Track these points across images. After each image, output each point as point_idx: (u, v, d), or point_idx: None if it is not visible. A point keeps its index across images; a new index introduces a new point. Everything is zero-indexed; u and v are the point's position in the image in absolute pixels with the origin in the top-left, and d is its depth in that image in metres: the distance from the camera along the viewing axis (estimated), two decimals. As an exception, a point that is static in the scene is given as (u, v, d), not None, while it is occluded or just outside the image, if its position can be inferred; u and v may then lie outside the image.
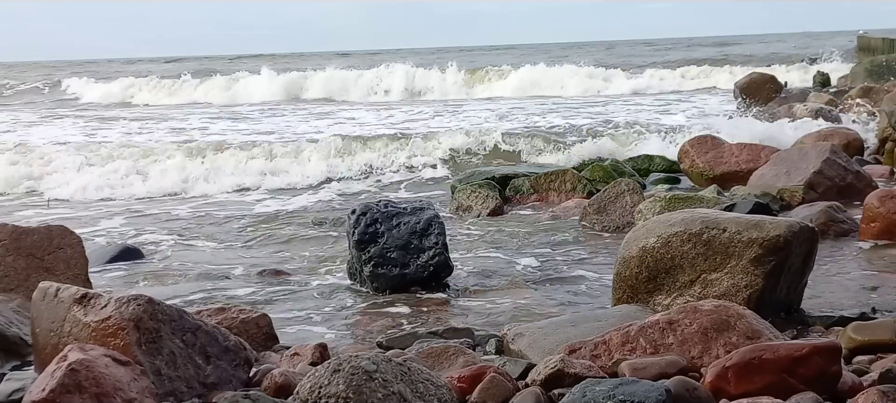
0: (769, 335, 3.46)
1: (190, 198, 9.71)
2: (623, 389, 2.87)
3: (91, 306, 3.35)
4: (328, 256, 6.38)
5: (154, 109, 23.59)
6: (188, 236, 7.33)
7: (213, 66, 39.39)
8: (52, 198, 9.91)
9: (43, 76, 36.58)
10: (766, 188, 7.53)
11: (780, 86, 16.15)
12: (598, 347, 3.52)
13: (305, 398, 2.93)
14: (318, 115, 18.86)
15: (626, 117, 15.09)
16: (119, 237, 7.32)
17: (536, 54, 38.34)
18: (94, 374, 2.90)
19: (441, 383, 3.11)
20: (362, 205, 5.97)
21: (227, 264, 6.23)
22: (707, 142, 9.42)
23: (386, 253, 5.56)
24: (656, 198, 6.80)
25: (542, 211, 7.97)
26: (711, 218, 4.27)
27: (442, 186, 9.68)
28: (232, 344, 3.51)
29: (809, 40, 41.94)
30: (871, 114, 11.68)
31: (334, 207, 8.55)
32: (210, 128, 16.26)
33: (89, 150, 12.15)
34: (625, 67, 28.78)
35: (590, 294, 5.16)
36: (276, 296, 5.38)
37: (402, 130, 14.18)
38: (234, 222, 7.84)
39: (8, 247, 5.62)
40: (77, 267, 5.75)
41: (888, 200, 6.07)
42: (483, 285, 5.46)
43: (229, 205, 8.92)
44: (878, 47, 21.81)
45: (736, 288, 4.07)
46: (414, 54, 41.75)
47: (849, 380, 3.09)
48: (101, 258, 6.31)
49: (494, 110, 18.64)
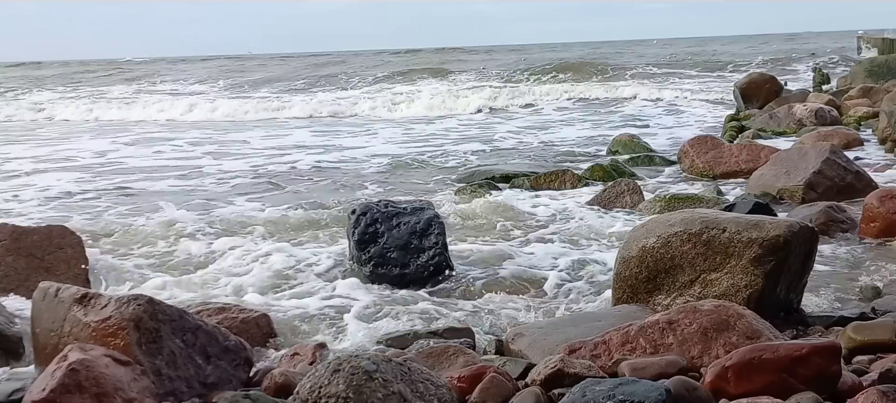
0: (769, 335, 3.46)
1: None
2: (623, 389, 2.87)
3: (91, 306, 3.35)
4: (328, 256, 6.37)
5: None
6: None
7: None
8: None
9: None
10: (766, 188, 7.54)
11: (779, 87, 16.15)
12: (597, 347, 3.52)
13: (305, 398, 2.93)
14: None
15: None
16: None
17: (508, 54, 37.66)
18: (94, 374, 2.90)
19: (441, 383, 3.11)
20: (362, 205, 5.97)
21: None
22: (707, 142, 9.43)
23: (386, 253, 5.57)
24: (656, 198, 6.81)
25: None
26: (711, 218, 4.27)
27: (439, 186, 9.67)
28: (232, 344, 3.52)
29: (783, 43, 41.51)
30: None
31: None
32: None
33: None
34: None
35: (590, 294, 5.16)
36: (276, 295, 5.38)
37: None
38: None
39: (8, 247, 5.63)
40: (77, 267, 5.76)
41: (888, 200, 6.08)
42: (484, 284, 5.45)
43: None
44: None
45: (736, 288, 4.07)
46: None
47: (848, 380, 3.08)
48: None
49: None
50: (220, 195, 9.51)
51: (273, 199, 9.00)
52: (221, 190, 9.90)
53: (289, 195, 9.33)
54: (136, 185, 10.31)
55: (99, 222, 7.81)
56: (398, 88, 29.98)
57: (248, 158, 12.73)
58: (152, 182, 10.59)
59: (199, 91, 32.90)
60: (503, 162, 11.38)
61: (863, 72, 17.16)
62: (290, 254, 6.32)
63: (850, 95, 14.23)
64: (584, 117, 18.65)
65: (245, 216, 7.89)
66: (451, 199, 8.44)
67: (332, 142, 14.98)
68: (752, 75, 17.52)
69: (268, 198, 9.10)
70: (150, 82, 38.31)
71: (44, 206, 9.02)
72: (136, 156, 13.44)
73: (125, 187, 10.17)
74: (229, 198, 9.25)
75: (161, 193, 9.70)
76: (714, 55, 37.73)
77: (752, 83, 16.27)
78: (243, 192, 9.61)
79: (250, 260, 6.21)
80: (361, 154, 12.86)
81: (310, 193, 9.38)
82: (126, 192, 9.79)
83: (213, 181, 10.61)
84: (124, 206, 8.75)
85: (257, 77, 37.90)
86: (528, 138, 14.46)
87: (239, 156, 13.05)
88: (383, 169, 11.17)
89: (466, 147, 13.41)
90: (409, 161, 11.73)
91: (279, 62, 50.03)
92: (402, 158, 12.01)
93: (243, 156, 13.13)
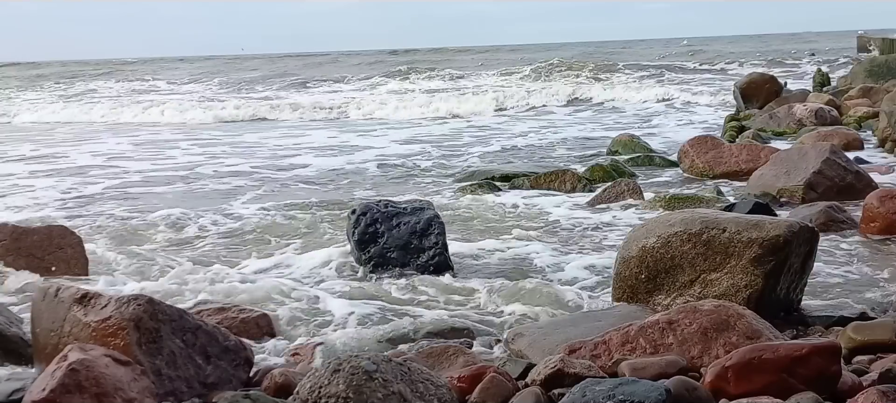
0: (769, 335, 3.46)
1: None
2: (623, 389, 2.87)
3: (91, 306, 3.35)
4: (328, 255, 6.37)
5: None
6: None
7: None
8: None
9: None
10: (766, 188, 7.53)
11: (779, 87, 16.13)
12: (597, 347, 3.52)
13: (305, 398, 2.93)
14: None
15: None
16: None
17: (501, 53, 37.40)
18: (94, 374, 2.90)
19: (441, 383, 3.11)
20: (362, 205, 5.97)
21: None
22: (707, 142, 9.43)
23: (386, 253, 5.57)
24: (656, 198, 6.81)
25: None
26: (711, 218, 4.27)
27: (439, 186, 9.67)
28: (232, 344, 3.52)
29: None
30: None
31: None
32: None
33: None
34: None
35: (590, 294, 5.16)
36: (276, 295, 5.38)
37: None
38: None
39: (8, 247, 5.64)
40: (77, 267, 5.76)
41: (888, 200, 6.08)
42: (484, 284, 5.45)
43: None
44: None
45: (736, 288, 4.07)
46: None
47: (848, 380, 3.09)
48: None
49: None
50: (220, 195, 9.52)
51: (273, 199, 9.00)
52: (222, 190, 9.90)
53: (289, 195, 9.33)
54: (135, 186, 10.32)
55: (98, 222, 7.82)
56: (393, 86, 29.97)
57: (248, 159, 12.73)
58: (152, 182, 10.60)
59: (194, 91, 32.80)
60: (503, 162, 11.39)
61: (863, 72, 17.13)
62: (291, 254, 6.33)
63: (850, 95, 14.21)
64: (584, 117, 18.65)
65: (245, 216, 7.90)
66: (452, 199, 8.45)
67: (332, 142, 14.98)
68: (752, 75, 17.50)
69: (268, 198, 9.10)
70: (141, 81, 38.17)
71: (42, 207, 9.02)
72: (135, 158, 13.43)
73: (124, 187, 10.17)
74: (229, 198, 9.25)
75: (161, 193, 9.71)
76: (714, 55, 37.72)
77: (752, 83, 16.26)
78: (244, 192, 9.62)
79: (250, 260, 6.22)
80: (361, 154, 12.86)
81: (309, 193, 9.38)
82: (126, 193, 9.80)
83: (213, 181, 10.61)
84: (124, 207, 8.75)
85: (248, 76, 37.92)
86: (528, 138, 14.46)
87: (239, 156, 13.05)
88: (383, 169, 11.17)
89: (466, 146, 13.42)
90: (408, 162, 11.73)
91: (270, 61, 49.93)
92: (401, 159, 12.01)
93: (243, 156, 13.13)
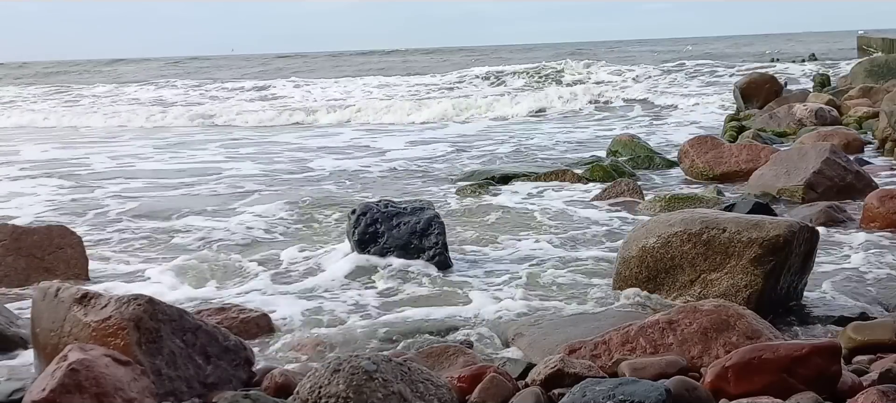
0: (769, 335, 3.46)
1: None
2: (623, 389, 2.87)
3: (91, 306, 3.35)
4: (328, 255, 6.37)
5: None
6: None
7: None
8: None
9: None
10: (766, 188, 7.53)
11: (779, 87, 16.13)
12: (598, 347, 3.52)
13: (305, 398, 2.93)
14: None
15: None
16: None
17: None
18: (94, 374, 2.90)
19: (441, 383, 3.11)
20: (362, 205, 5.97)
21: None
22: (707, 142, 9.42)
23: (386, 253, 5.56)
24: (656, 198, 6.81)
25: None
26: (711, 218, 4.27)
27: (439, 186, 9.67)
28: (232, 344, 3.52)
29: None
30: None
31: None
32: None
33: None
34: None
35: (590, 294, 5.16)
36: (276, 295, 5.38)
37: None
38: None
39: (8, 247, 5.64)
40: (77, 267, 5.76)
41: (888, 200, 6.09)
42: (484, 284, 5.45)
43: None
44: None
45: (736, 287, 4.08)
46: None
47: (848, 380, 3.09)
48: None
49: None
50: (220, 195, 9.52)
51: (273, 199, 8.99)
52: (222, 190, 9.90)
53: (288, 195, 9.33)
54: (133, 187, 10.32)
55: (98, 221, 7.83)
56: (392, 84, 29.95)
57: (249, 158, 12.74)
58: (152, 182, 10.60)
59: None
60: (503, 162, 11.38)
61: (863, 72, 17.13)
62: (290, 254, 6.33)
63: (850, 95, 14.21)
64: (584, 118, 18.66)
65: (245, 216, 7.90)
66: (452, 199, 8.45)
67: (331, 143, 14.98)
68: (752, 75, 17.51)
69: (268, 198, 9.10)
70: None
71: (43, 207, 9.02)
72: (133, 159, 13.44)
73: (123, 188, 10.17)
74: (229, 198, 9.25)
75: (161, 193, 9.71)
76: (714, 55, 37.71)
77: (752, 83, 16.26)
78: (243, 192, 9.61)
79: (250, 260, 6.22)
80: (360, 154, 12.87)
81: (308, 193, 9.38)
82: (124, 194, 9.80)
83: (213, 181, 10.61)
84: (123, 207, 8.75)
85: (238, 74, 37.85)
86: (528, 138, 14.47)
87: (240, 156, 13.06)
88: (383, 170, 11.17)
89: (466, 147, 13.41)
90: (408, 163, 11.73)
91: (263, 61, 49.85)
92: (401, 160, 12.01)
93: (244, 155, 13.14)
